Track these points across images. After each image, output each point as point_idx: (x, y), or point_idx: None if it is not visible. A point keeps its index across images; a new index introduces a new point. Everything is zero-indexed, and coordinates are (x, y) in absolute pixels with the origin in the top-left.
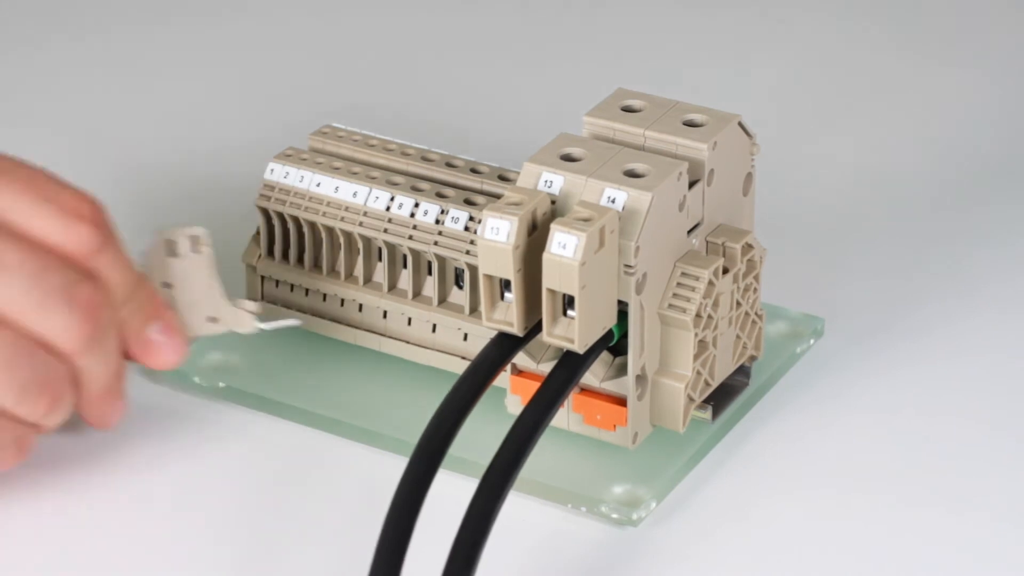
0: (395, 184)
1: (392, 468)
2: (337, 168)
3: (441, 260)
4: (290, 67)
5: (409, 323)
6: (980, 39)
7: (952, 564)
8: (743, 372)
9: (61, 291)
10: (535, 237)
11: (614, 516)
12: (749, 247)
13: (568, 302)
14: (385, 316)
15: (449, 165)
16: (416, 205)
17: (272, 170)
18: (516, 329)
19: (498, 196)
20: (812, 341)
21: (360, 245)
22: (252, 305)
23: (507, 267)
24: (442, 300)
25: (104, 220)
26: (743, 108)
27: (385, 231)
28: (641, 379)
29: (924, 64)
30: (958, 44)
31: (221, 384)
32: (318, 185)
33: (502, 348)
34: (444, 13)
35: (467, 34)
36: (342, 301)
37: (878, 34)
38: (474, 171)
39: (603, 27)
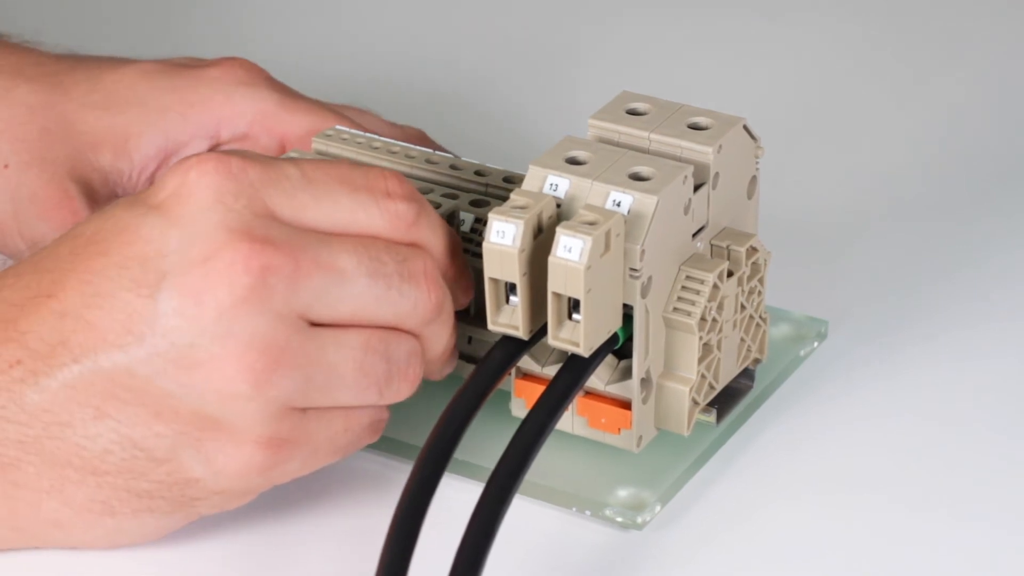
0: None
1: (397, 471)
2: None
3: None
4: (294, 69)
5: None
6: (982, 40)
7: (955, 568)
8: (747, 375)
9: (397, 275)
10: (540, 240)
11: (619, 519)
12: (753, 250)
13: (573, 305)
14: None
15: (454, 168)
16: None
17: None
18: (521, 332)
19: (503, 199)
20: (816, 344)
21: None
22: None
23: (512, 270)
24: None
25: (410, 189)
26: (748, 111)
27: None
28: (646, 382)
29: (928, 66)
30: (961, 45)
31: None
32: None
33: (507, 351)
34: (448, 15)
35: (471, 37)
36: None
37: (882, 37)
38: (479, 174)
39: (608, 30)
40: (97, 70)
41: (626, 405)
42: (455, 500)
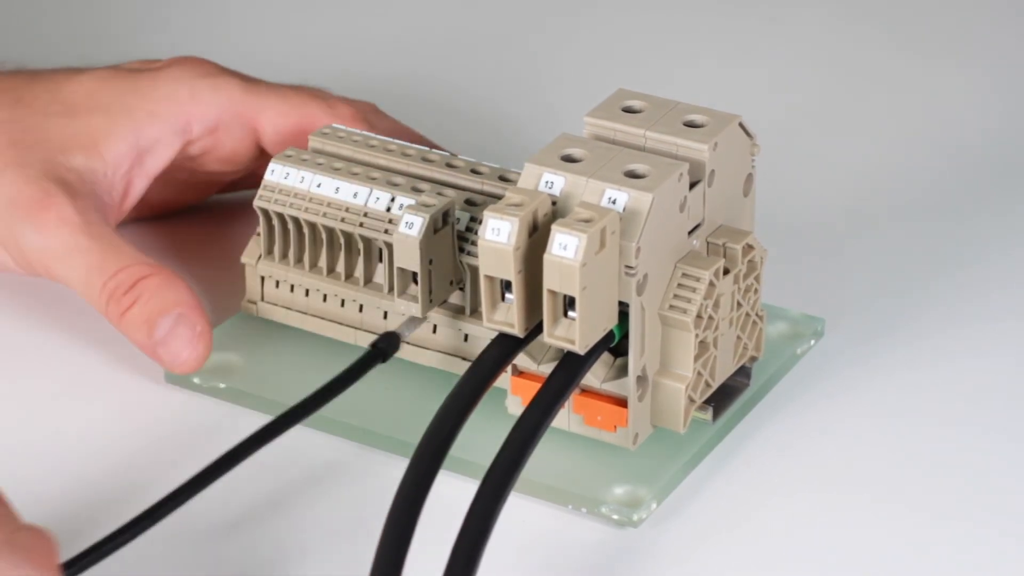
0: (396, 185)
1: (393, 469)
2: (338, 169)
3: None
4: (291, 67)
5: None
6: (982, 39)
7: (952, 567)
8: (744, 373)
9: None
10: (536, 238)
11: (615, 517)
12: (750, 248)
13: (569, 303)
14: (385, 316)
15: (449, 166)
16: None
17: (273, 171)
18: (517, 330)
19: (499, 197)
20: (813, 342)
21: (360, 246)
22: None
23: (508, 268)
24: (443, 301)
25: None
26: (743, 108)
27: (385, 232)
28: (642, 380)
29: (926, 63)
30: (959, 44)
31: (221, 384)
32: (318, 186)
33: (503, 349)
34: (445, 13)
35: (467, 34)
36: (342, 301)
37: (879, 34)
38: (475, 172)
39: (604, 27)
40: (54, 82)
41: (622, 403)
42: (451, 497)
